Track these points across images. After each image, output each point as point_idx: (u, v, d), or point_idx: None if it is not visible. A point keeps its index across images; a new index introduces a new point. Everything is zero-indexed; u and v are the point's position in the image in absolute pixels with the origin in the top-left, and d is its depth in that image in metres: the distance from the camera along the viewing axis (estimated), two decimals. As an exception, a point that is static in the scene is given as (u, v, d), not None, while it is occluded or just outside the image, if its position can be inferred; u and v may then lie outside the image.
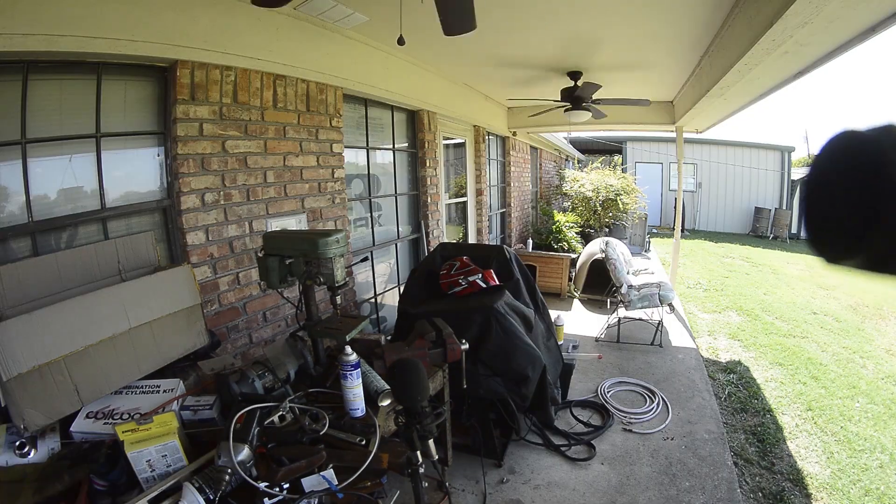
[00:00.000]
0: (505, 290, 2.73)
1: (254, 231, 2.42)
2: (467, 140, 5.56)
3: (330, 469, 1.17)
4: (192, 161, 2.11)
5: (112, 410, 1.36)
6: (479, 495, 2.29)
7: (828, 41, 2.39)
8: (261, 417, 1.28)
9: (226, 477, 1.12)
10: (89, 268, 1.55)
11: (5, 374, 1.14)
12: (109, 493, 1.18)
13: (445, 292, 2.78)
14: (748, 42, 2.33)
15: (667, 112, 5.59)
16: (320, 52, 2.78)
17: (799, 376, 4.02)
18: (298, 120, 2.67)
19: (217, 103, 2.20)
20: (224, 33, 2.19)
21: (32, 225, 1.69)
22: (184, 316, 1.60)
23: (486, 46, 3.42)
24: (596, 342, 4.37)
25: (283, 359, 1.63)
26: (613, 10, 2.68)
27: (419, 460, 1.14)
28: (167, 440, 1.18)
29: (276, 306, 2.58)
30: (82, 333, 1.31)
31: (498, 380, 2.39)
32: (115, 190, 1.97)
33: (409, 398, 1.15)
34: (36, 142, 1.70)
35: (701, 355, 4.13)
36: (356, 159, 3.45)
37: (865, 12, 2.01)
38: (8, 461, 1.20)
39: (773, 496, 2.44)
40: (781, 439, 3.00)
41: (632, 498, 2.27)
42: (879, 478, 2.64)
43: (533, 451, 2.64)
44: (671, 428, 2.88)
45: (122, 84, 1.96)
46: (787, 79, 3.17)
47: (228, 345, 2.31)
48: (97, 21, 1.72)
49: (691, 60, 3.73)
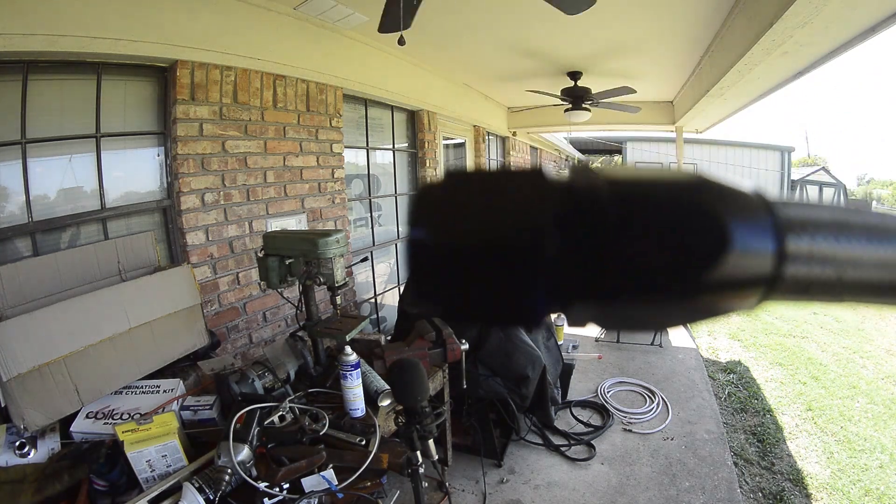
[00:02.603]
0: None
1: (254, 231, 2.42)
2: (467, 140, 5.56)
3: (330, 469, 1.17)
4: (192, 161, 2.11)
5: (112, 410, 1.36)
6: (479, 495, 2.29)
7: (828, 41, 2.39)
8: (261, 417, 1.28)
9: (226, 477, 1.12)
10: (89, 268, 1.55)
11: (5, 374, 1.14)
12: (109, 493, 1.18)
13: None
14: (748, 42, 2.33)
15: (667, 112, 5.59)
16: (320, 52, 2.78)
17: (799, 376, 4.02)
18: (298, 120, 2.67)
19: (217, 103, 2.20)
20: (224, 33, 2.19)
21: (32, 225, 1.69)
22: (184, 316, 1.60)
23: (487, 46, 3.42)
24: (596, 342, 4.37)
25: (283, 359, 1.63)
26: (614, 10, 2.68)
27: (419, 460, 1.14)
28: (167, 440, 1.18)
29: (276, 306, 2.58)
30: (82, 333, 1.31)
31: (498, 380, 2.39)
32: (115, 190, 1.97)
33: (408, 398, 1.15)
34: (36, 142, 1.70)
35: (701, 355, 4.13)
36: (356, 159, 3.45)
37: (865, 12, 2.01)
38: (8, 461, 1.20)
39: (773, 496, 2.44)
40: (781, 439, 3.00)
41: (632, 498, 2.27)
42: (879, 478, 2.64)
43: (533, 451, 2.64)
44: (671, 428, 2.88)
45: (122, 84, 1.96)
46: (786, 79, 3.17)
47: (228, 345, 2.31)
48: (97, 21, 1.72)
49: (691, 60, 3.73)
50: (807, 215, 0.15)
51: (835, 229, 0.15)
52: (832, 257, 0.15)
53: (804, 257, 0.15)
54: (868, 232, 0.16)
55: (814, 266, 0.15)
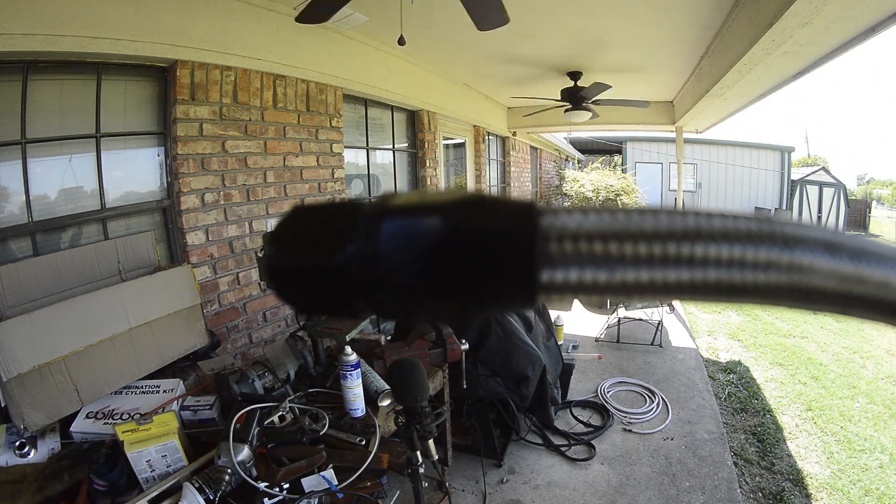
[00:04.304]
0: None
1: (254, 231, 2.42)
2: (467, 140, 5.56)
3: (330, 469, 1.18)
4: (192, 161, 2.11)
5: (112, 410, 1.36)
6: (479, 495, 2.29)
7: (828, 41, 2.39)
8: (261, 417, 1.28)
9: (226, 477, 1.12)
10: (89, 268, 1.55)
11: (5, 375, 1.14)
12: (109, 493, 1.18)
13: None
14: (748, 42, 2.33)
15: (667, 112, 5.59)
16: (320, 52, 2.78)
17: (799, 376, 4.02)
18: (298, 120, 2.67)
19: (217, 103, 2.20)
20: (224, 33, 2.19)
21: (32, 225, 1.69)
22: (184, 316, 1.60)
23: (487, 46, 3.42)
24: (596, 342, 4.37)
25: (283, 359, 1.63)
26: (614, 11, 2.68)
27: (419, 460, 1.14)
28: (167, 440, 1.18)
29: (276, 306, 2.58)
30: (82, 333, 1.31)
31: (498, 380, 2.39)
32: (115, 190, 1.97)
33: (408, 398, 1.15)
34: (36, 142, 1.70)
35: (701, 355, 4.13)
36: (356, 159, 3.45)
37: (865, 12, 2.01)
38: (8, 461, 1.20)
39: (773, 496, 2.44)
40: (781, 439, 3.00)
41: (632, 498, 2.27)
42: (879, 478, 2.64)
43: (533, 451, 2.64)
44: (671, 428, 2.88)
45: (122, 84, 1.96)
46: (786, 79, 3.17)
47: (228, 345, 2.31)
48: (97, 21, 1.72)
49: (691, 60, 3.73)
50: (567, 224, 0.17)
51: (596, 235, 0.17)
52: (591, 261, 0.17)
53: (559, 262, 0.17)
54: (631, 238, 0.17)
55: (571, 270, 0.17)
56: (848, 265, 0.18)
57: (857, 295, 0.18)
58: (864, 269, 0.18)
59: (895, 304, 0.18)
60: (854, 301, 0.18)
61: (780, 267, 0.17)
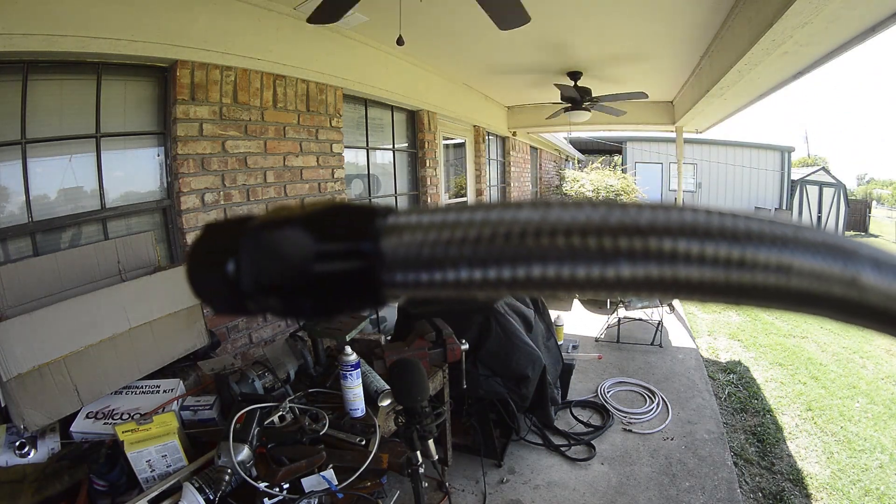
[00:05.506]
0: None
1: (254, 231, 2.42)
2: (467, 140, 5.55)
3: (330, 469, 1.18)
4: (192, 161, 2.11)
5: (112, 410, 1.36)
6: (479, 495, 2.29)
7: (827, 41, 2.39)
8: (261, 417, 1.28)
9: (226, 477, 1.12)
10: (89, 268, 1.55)
11: (5, 375, 1.14)
12: (109, 493, 1.18)
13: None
14: (748, 42, 2.33)
15: (667, 112, 5.59)
16: (320, 52, 2.78)
17: (799, 376, 4.02)
18: (298, 120, 2.67)
19: (217, 103, 2.20)
20: (224, 33, 2.19)
21: (32, 225, 1.69)
22: (184, 316, 1.60)
23: (487, 46, 3.42)
24: (596, 342, 4.37)
25: (283, 359, 1.63)
26: (614, 11, 2.68)
27: (419, 460, 1.14)
28: (167, 440, 1.18)
29: (276, 306, 2.58)
30: (82, 333, 1.31)
31: (498, 380, 2.39)
32: (115, 190, 1.97)
33: (408, 398, 1.15)
34: (36, 142, 1.70)
35: (701, 355, 4.13)
36: (356, 159, 3.45)
37: (865, 12, 2.01)
38: (8, 461, 1.20)
39: (773, 496, 2.44)
40: (781, 439, 3.00)
41: (632, 498, 2.27)
42: (879, 478, 2.64)
43: (533, 451, 2.64)
44: (671, 428, 2.88)
45: (122, 84, 1.96)
46: (786, 79, 3.17)
47: (228, 345, 2.31)
48: (97, 21, 1.72)
49: (691, 61, 3.73)
50: (408, 222, 0.18)
51: (433, 232, 0.18)
52: (427, 261, 0.18)
53: (399, 263, 0.18)
54: (462, 237, 0.18)
55: (409, 271, 0.18)
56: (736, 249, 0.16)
57: (751, 285, 0.16)
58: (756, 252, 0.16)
59: (846, 300, 0.17)
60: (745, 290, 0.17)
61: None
